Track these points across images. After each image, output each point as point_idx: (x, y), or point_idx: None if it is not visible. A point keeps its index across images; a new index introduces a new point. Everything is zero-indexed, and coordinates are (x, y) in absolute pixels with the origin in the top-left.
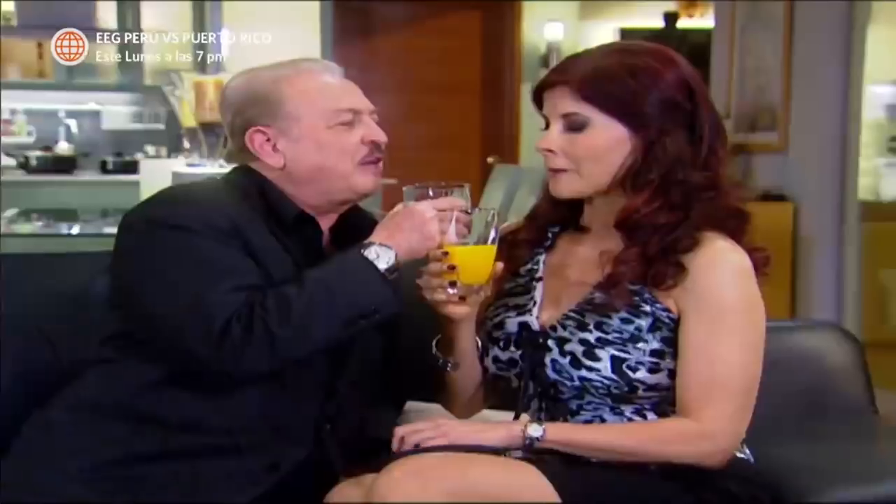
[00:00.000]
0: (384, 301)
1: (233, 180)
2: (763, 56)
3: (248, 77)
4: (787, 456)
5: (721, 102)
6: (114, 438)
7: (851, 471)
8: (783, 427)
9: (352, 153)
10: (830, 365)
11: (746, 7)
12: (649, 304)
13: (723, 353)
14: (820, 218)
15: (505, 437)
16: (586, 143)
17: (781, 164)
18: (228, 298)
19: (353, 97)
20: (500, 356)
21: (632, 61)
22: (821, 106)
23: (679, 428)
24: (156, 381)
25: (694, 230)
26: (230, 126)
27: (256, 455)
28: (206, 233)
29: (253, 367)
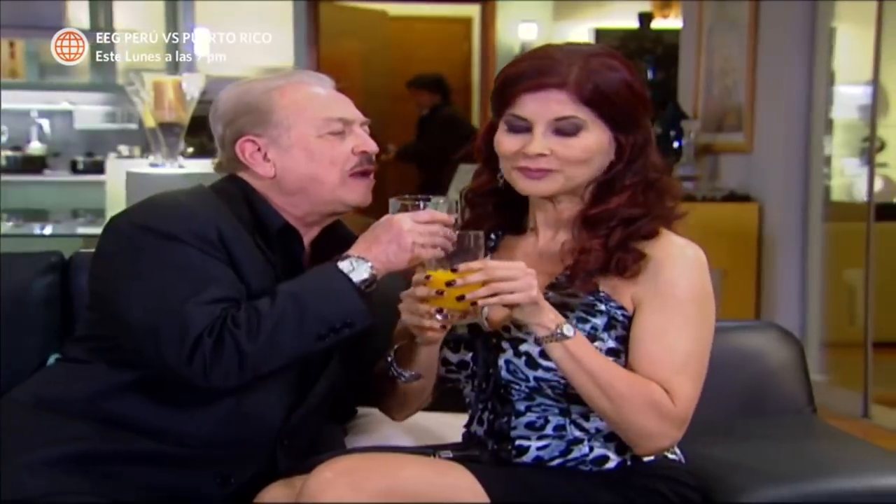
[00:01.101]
0: (357, 314)
1: (220, 189)
2: (729, 57)
3: (238, 88)
4: (721, 455)
5: (689, 103)
6: (76, 435)
7: (782, 470)
8: (720, 427)
9: (341, 163)
10: (770, 364)
11: (713, 7)
12: (604, 304)
13: (680, 341)
14: (785, 218)
15: (547, 322)
16: (581, 147)
17: (747, 164)
18: (205, 310)
19: (343, 107)
20: (450, 359)
21: (611, 63)
22: (786, 107)
23: (661, 400)
24: (122, 386)
25: (650, 221)
26: (221, 137)
27: (211, 468)
28: (192, 242)
29: (221, 382)
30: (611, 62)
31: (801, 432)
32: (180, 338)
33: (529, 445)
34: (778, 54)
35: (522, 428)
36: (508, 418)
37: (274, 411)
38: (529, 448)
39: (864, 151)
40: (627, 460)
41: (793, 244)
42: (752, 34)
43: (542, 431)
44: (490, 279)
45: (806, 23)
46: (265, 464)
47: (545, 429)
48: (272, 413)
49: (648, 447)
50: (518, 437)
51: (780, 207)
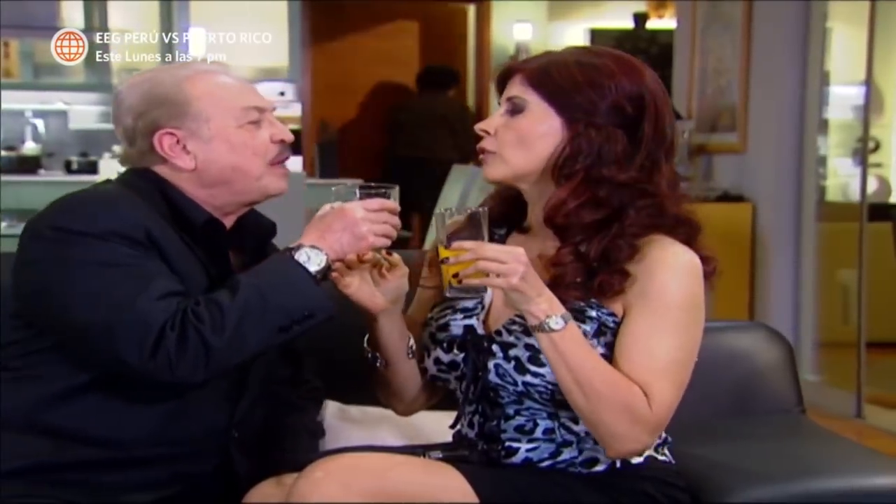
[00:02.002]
0: (318, 304)
1: (131, 183)
2: (723, 57)
3: (143, 79)
4: (709, 456)
5: (682, 103)
6: (24, 452)
7: (771, 470)
8: (708, 427)
9: (263, 153)
10: (759, 364)
11: (707, 8)
12: (595, 310)
13: (664, 347)
14: (778, 218)
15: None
16: (517, 126)
17: (741, 164)
18: (160, 305)
19: (255, 95)
20: (441, 358)
21: (589, 59)
22: (779, 107)
23: (638, 404)
24: (56, 395)
25: (632, 238)
26: (131, 129)
27: (162, 466)
28: (120, 240)
29: (188, 376)
30: (587, 58)
31: (790, 432)
32: (140, 334)
33: (519, 447)
34: (771, 54)
35: (512, 431)
36: (498, 421)
37: (217, 404)
38: (519, 450)
39: (857, 151)
40: (617, 462)
41: (786, 244)
42: (745, 34)
43: (531, 435)
44: (479, 258)
45: (799, 23)
46: (219, 458)
47: (534, 432)
48: (215, 406)
49: (617, 449)
50: (508, 439)
51: (773, 207)
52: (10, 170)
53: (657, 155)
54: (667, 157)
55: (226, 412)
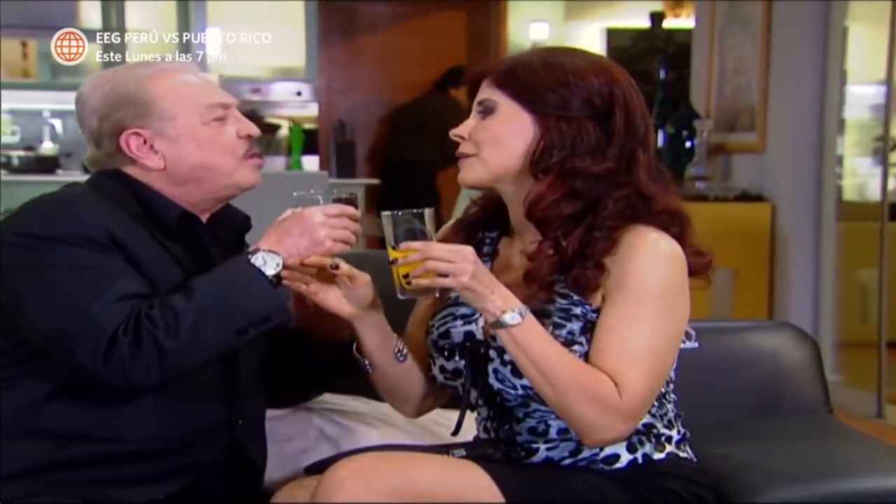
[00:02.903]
0: (275, 308)
1: (100, 185)
2: (742, 56)
3: (105, 79)
4: (737, 455)
5: (701, 103)
6: (25, 454)
7: (798, 470)
8: (735, 427)
9: (232, 149)
10: (785, 364)
11: (726, 7)
12: (579, 307)
13: (636, 334)
14: (797, 217)
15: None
16: (489, 127)
17: (760, 163)
18: (115, 308)
19: (218, 92)
20: (445, 366)
21: (554, 59)
22: (798, 106)
23: (606, 392)
24: (49, 396)
25: (609, 230)
26: (97, 131)
27: (166, 458)
28: (82, 242)
29: (141, 380)
30: (553, 58)
31: (818, 432)
32: (93, 339)
33: (538, 447)
34: (791, 54)
35: (526, 433)
36: (510, 425)
37: (213, 394)
38: (539, 450)
39: (878, 151)
40: (638, 459)
41: (806, 244)
42: (764, 34)
43: (546, 436)
44: (427, 258)
45: (819, 22)
46: (227, 447)
47: (548, 433)
48: (212, 396)
49: (592, 438)
50: (525, 441)
51: (792, 207)
52: (29, 170)
53: (632, 146)
54: (643, 148)
55: (225, 401)
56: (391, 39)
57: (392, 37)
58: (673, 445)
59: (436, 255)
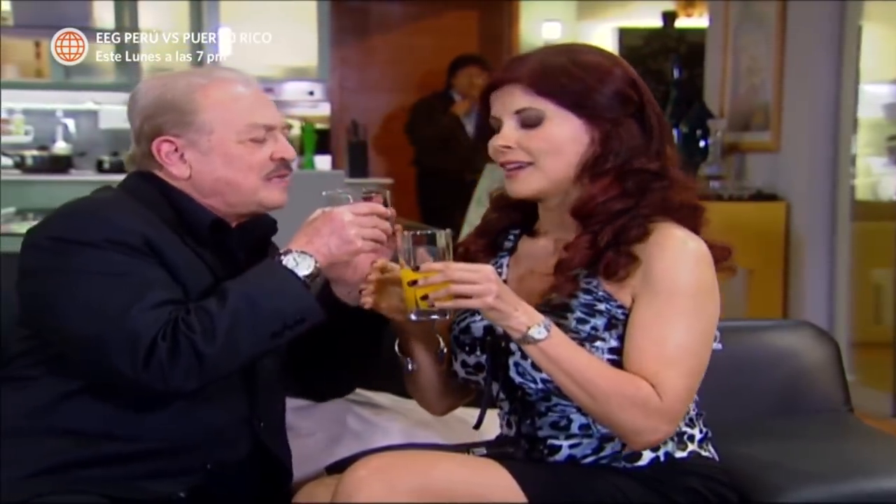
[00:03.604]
0: (308, 308)
1: (134, 188)
2: (756, 56)
3: (160, 83)
4: (758, 455)
5: (715, 102)
6: (45, 453)
7: (820, 469)
8: (756, 426)
9: (258, 169)
10: (806, 364)
11: (740, 6)
12: (604, 302)
13: (672, 335)
14: (812, 217)
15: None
16: (544, 137)
17: (774, 163)
18: (152, 315)
19: (266, 111)
20: (467, 360)
21: (580, 57)
22: (813, 105)
23: (646, 395)
24: (69, 395)
25: (644, 220)
26: (138, 131)
27: (188, 455)
28: (117, 248)
29: (181, 386)
30: (575, 55)
31: (839, 432)
32: (132, 346)
33: (561, 445)
34: (805, 53)
35: (548, 428)
36: (532, 420)
37: (232, 393)
38: (561, 447)
39: (891, 150)
40: (660, 457)
41: (820, 243)
42: (779, 33)
43: (568, 431)
44: (450, 280)
45: (834, 21)
46: (250, 446)
47: (570, 428)
48: (231, 394)
49: (639, 442)
50: (547, 436)
51: (807, 206)
52: (42, 169)
53: (663, 138)
54: (669, 140)
55: (243, 400)
56: (403, 39)
57: (404, 36)
58: (695, 444)
59: (458, 276)
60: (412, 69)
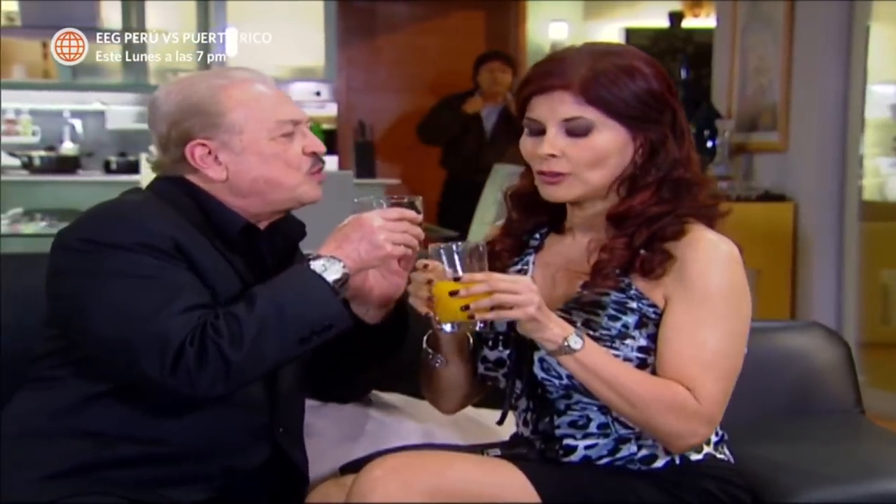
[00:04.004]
0: (336, 315)
1: (163, 192)
2: (764, 56)
3: (180, 87)
4: (770, 456)
5: (723, 102)
6: (67, 453)
7: (833, 471)
8: (767, 427)
9: (297, 165)
10: (817, 365)
11: (748, 7)
12: (636, 301)
13: (709, 339)
14: (820, 217)
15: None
16: (590, 147)
17: (782, 163)
18: (182, 320)
19: (290, 107)
20: (488, 356)
21: (626, 63)
22: (821, 106)
23: (683, 399)
24: (94, 397)
25: (679, 220)
26: (165, 137)
27: (208, 461)
28: (148, 251)
29: (208, 391)
30: (621, 60)
31: (851, 433)
32: (160, 350)
33: (577, 445)
34: (813, 53)
35: (566, 427)
36: (550, 418)
37: (254, 399)
38: (577, 447)
39: None
40: (676, 459)
41: (828, 244)
42: (787, 33)
43: (586, 430)
44: (493, 290)
45: (842, 21)
46: (270, 452)
47: (588, 427)
48: (253, 400)
49: (679, 446)
50: (564, 436)
51: (815, 207)
52: (49, 170)
53: (689, 140)
54: (691, 141)
55: (265, 406)
56: (410, 39)
57: (411, 37)
58: (711, 446)
59: (502, 286)
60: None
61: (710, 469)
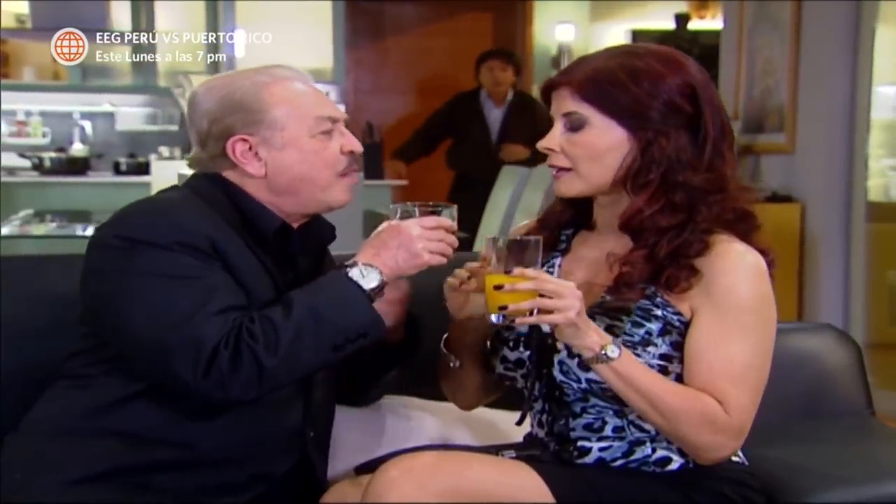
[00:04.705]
0: (371, 323)
1: (199, 189)
2: (771, 57)
3: (222, 83)
4: (783, 458)
5: (730, 104)
6: (99, 455)
7: (846, 472)
8: (779, 429)
9: (333, 164)
10: (828, 367)
11: (754, 8)
12: (661, 308)
13: (738, 352)
14: (827, 218)
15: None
16: (583, 142)
17: (789, 164)
18: (216, 321)
19: (329, 105)
20: (508, 356)
21: (633, 63)
22: (828, 107)
23: (714, 412)
24: (126, 398)
25: (702, 233)
26: (205, 133)
27: (240, 467)
28: (186, 250)
29: (240, 395)
30: (630, 61)
31: (863, 434)
32: (194, 352)
33: (592, 447)
34: (820, 55)
35: (581, 429)
36: (566, 420)
37: (289, 403)
38: (591, 449)
39: None
40: (690, 462)
41: (835, 245)
42: (794, 35)
43: (601, 433)
44: (538, 290)
45: (849, 23)
46: (297, 458)
47: (604, 430)
48: (287, 405)
49: (708, 458)
50: (579, 438)
51: (822, 208)
52: (60, 171)
53: (721, 145)
54: (729, 146)
55: (299, 411)
56: (417, 41)
57: (418, 38)
58: None
59: (548, 288)
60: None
61: (724, 471)
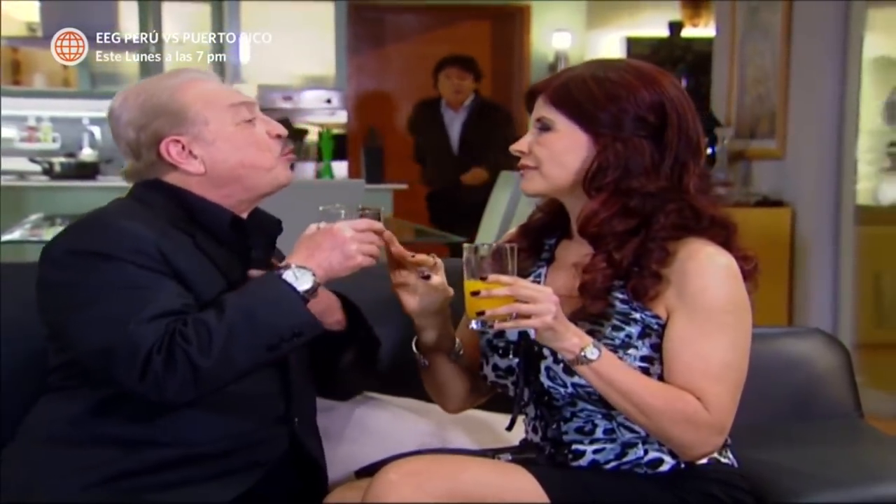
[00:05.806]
0: (306, 324)
1: (143, 197)
2: (762, 64)
3: (135, 92)
4: (771, 460)
5: (722, 110)
6: (96, 462)
7: (835, 474)
8: (768, 432)
9: (269, 146)
10: (816, 370)
11: (746, 16)
12: (639, 312)
13: (714, 350)
14: (817, 222)
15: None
16: (547, 143)
17: (780, 169)
18: (150, 328)
19: (237, 93)
20: (499, 364)
21: (606, 74)
22: (818, 113)
23: (694, 410)
24: (109, 403)
25: (662, 241)
26: (135, 142)
27: (234, 457)
28: (129, 258)
29: (176, 397)
30: (604, 73)
31: (851, 437)
32: (130, 358)
33: (585, 450)
34: (810, 62)
35: (573, 433)
36: (557, 424)
37: (269, 390)
38: (585, 452)
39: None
40: (681, 463)
41: (825, 247)
42: (784, 42)
43: (592, 435)
44: (514, 296)
45: (838, 31)
46: (287, 444)
47: (595, 433)
48: (268, 392)
49: (692, 454)
50: (572, 441)
51: (812, 212)
52: (70, 175)
53: (685, 159)
54: (695, 159)
55: (281, 398)
56: (418, 48)
57: (418, 46)
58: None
59: (522, 293)
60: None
61: (714, 473)
